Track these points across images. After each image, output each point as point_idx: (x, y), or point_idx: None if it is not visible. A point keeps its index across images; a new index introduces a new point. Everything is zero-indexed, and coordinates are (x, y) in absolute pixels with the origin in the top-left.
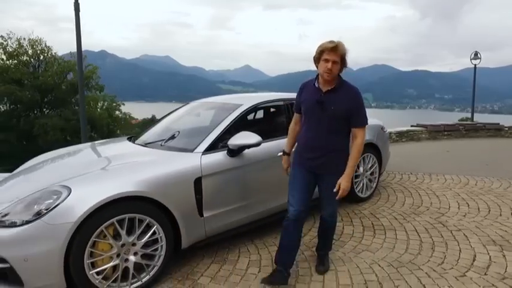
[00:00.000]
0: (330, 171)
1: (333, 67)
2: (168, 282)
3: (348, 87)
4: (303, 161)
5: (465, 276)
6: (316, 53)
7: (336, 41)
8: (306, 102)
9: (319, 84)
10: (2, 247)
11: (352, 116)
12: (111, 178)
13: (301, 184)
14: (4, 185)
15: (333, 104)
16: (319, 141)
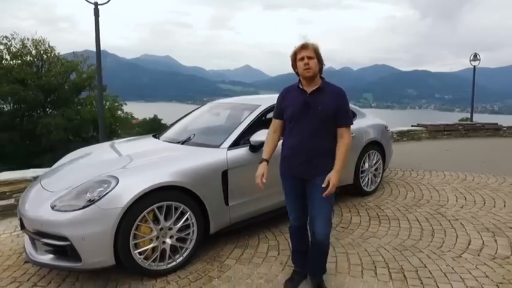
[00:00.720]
0: (320, 174)
1: (310, 61)
2: (198, 264)
3: (333, 86)
4: (290, 168)
5: (461, 257)
6: (291, 59)
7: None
8: (290, 106)
9: (303, 86)
10: (63, 228)
11: (338, 115)
12: (152, 170)
13: (294, 194)
14: (55, 176)
15: (320, 104)
16: (306, 144)
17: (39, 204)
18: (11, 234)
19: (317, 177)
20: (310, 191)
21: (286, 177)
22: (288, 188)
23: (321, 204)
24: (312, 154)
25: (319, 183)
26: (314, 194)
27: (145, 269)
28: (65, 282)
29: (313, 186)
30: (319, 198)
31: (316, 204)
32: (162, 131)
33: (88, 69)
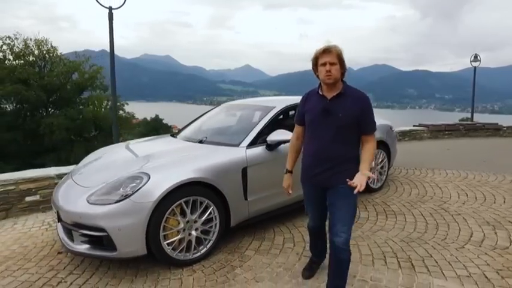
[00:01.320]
0: (343, 181)
1: (332, 68)
2: (220, 255)
3: (355, 91)
4: (310, 176)
5: (464, 248)
6: (312, 62)
7: (328, 44)
8: (310, 111)
9: (323, 92)
10: (101, 220)
11: (361, 123)
12: (179, 167)
13: (315, 202)
14: (86, 172)
15: (341, 110)
16: (327, 152)
17: (76, 198)
18: (40, 228)
19: (340, 185)
20: (332, 198)
21: (307, 185)
22: (309, 196)
23: (343, 213)
24: (334, 162)
25: (341, 191)
26: (336, 202)
27: (173, 258)
28: (98, 271)
29: (335, 193)
30: (341, 207)
31: (337, 212)
32: (179, 131)
33: (90, 69)
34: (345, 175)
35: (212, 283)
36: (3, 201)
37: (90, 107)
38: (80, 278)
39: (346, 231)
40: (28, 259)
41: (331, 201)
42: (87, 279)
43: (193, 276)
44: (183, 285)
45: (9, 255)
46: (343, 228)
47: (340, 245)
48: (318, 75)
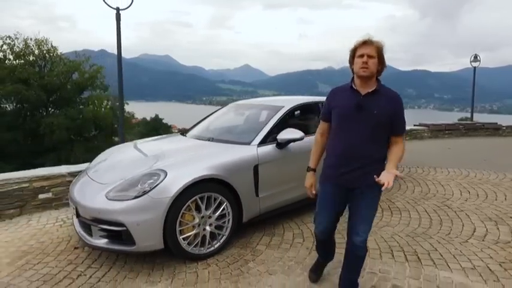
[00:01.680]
0: (368, 185)
1: (369, 61)
2: (232, 249)
3: (389, 90)
4: (335, 175)
5: (467, 242)
6: (350, 54)
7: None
8: (341, 107)
9: (357, 87)
10: (120, 215)
11: (395, 123)
12: (194, 164)
13: (334, 203)
14: (101, 170)
15: (376, 107)
16: (357, 150)
17: (94, 194)
18: (54, 224)
19: (367, 185)
20: (357, 199)
21: (328, 185)
22: (327, 196)
23: (366, 213)
24: (364, 161)
25: (368, 192)
26: (362, 202)
27: (188, 252)
28: (115, 265)
29: (361, 194)
30: (365, 208)
31: (360, 213)
32: (188, 130)
33: (90, 69)
34: (371, 175)
35: (227, 276)
36: (18, 198)
37: (90, 107)
38: (98, 272)
39: (367, 231)
40: (46, 253)
41: (356, 202)
42: (106, 273)
43: (208, 270)
44: (198, 278)
45: (28, 250)
46: (365, 228)
47: (359, 244)
48: (352, 69)
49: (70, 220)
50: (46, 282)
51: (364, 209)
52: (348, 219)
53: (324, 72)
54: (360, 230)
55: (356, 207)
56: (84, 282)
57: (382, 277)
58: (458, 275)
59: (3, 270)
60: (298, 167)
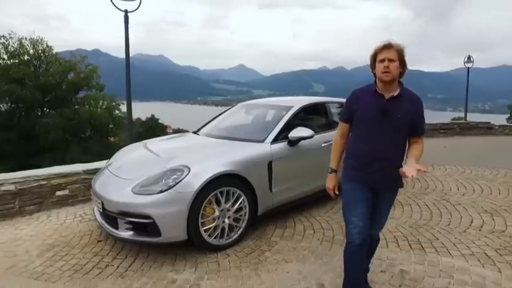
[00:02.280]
0: (390, 187)
1: (390, 65)
2: (249, 241)
3: (411, 93)
4: (362, 177)
5: (466, 232)
6: (370, 59)
7: (389, 40)
8: (365, 110)
9: (381, 91)
10: (148, 208)
11: (416, 125)
12: (214, 160)
13: (365, 205)
14: (123, 166)
15: (399, 111)
16: (381, 153)
17: (120, 189)
18: (74, 220)
19: (388, 188)
20: (378, 200)
21: (356, 185)
22: (357, 196)
23: (384, 214)
24: (387, 163)
25: (388, 195)
26: (382, 204)
27: (209, 243)
28: (139, 256)
29: (382, 196)
30: (384, 208)
31: (380, 212)
32: (200, 129)
33: (86, 68)
34: (394, 177)
35: (247, 264)
36: (37, 195)
37: (86, 107)
38: (124, 262)
39: (384, 221)
40: (72, 246)
41: (379, 203)
42: (131, 263)
43: (228, 259)
44: (220, 266)
45: (53, 243)
46: (382, 225)
47: (374, 237)
48: (374, 73)
49: (88, 216)
50: (77, 271)
51: (384, 209)
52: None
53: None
54: (377, 226)
55: (375, 206)
56: (112, 271)
57: (390, 263)
58: (458, 260)
59: (35, 261)
60: (307, 163)
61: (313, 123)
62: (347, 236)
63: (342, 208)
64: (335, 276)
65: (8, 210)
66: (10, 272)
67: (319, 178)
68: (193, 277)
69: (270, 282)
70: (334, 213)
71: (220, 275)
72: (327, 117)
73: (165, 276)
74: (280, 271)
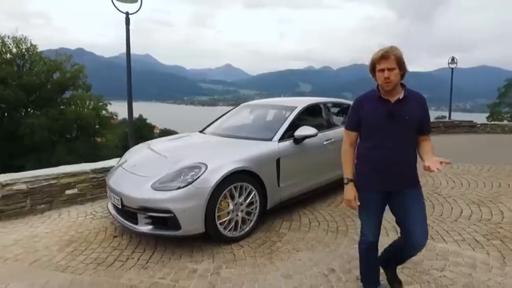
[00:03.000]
0: (409, 185)
1: (391, 75)
2: (259, 233)
3: (415, 93)
4: (373, 183)
5: (457, 221)
6: (369, 67)
7: (387, 47)
8: (372, 116)
9: (385, 96)
10: (168, 203)
11: (422, 123)
12: (229, 158)
13: (377, 213)
14: (138, 164)
15: (407, 113)
16: (393, 156)
17: (139, 186)
18: (86, 217)
19: (410, 188)
20: (402, 203)
21: (368, 192)
22: (370, 202)
23: (419, 215)
24: (403, 166)
25: (412, 194)
26: (409, 206)
27: (224, 235)
28: (157, 249)
29: (405, 198)
30: (417, 210)
31: (412, 215)
32: (205, 128)
33: (72, 68)
34: (411, 178)
35: (261, 254)
36: (48, 194)
37: (72, 107)
38: (143, 255)
39: (425, 233)
40: (89, 242)
41: (403, 206)
42: (151, 256)
43: (242, 250)
44: (236, 256)
45: (71, 239)
46: (422, 231)
47: (419, 248)
48: (376, 79)
49: (100, 213)
50: (100, 264)
51: (417, 211)
52: (402, 223)
53: (304, 71)
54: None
55: (406, 211)
56: (134, 264)
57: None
58: (452, 245)
59: (57, 256)
60: (311, 160)
61: (315, 123)
62: (361, 234)
63: (358, 211)
64: (343, 262)
65: (21, 209)
66: (35, 266)
67: (321, 174)
68: (212, 266)
69: (284, 269)
70: (336, 207)
71: (237, 264)
72: (327, 117)
73: (186, 267)
74: (293, 259)
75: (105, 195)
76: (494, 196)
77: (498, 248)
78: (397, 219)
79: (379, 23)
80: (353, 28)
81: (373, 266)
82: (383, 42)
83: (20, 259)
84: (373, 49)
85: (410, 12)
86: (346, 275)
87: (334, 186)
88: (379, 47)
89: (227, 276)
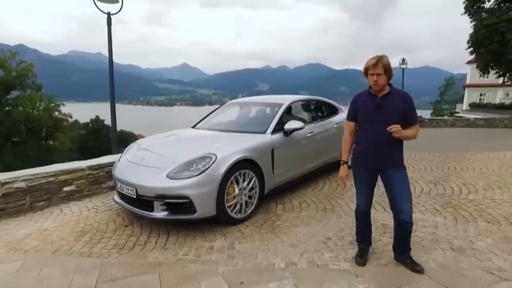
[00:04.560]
0: (396, 165)
1: (378, 79)
2: (259, 215)
3: (399, 91)
4: (366, 160)
5: (420, 196)
6: (363, 70)
7: (377, 56)
8: (364, 108)
9: (375, 92)
10: (186, 190)
11: (407, 115)
12: (234, 148)
13: (368, 186)
14: (147, 157)
15: (390, 106)
16: (381, 140)
17: (154, 177)
18: (89, 212)
19: (394, 168)
20: (388, 180)
21: (361, 169)
22: (362, 177)
23: (402, 191)
24: (388, 148)
25: (396, 175)
26: (394, 184)
27: (231, 217)
28: (170, 233)
29: (390, 176)
30: (399, 187)
31: (398, 191)
32: (196, 124)
33: (18, 66)
34: (397, 159)
35: (265, 230)
36: (46, 191)
37: (20, 108)
38: (160, 239)
39: (410, 209)
40: (103, 231)
41: (390, 182)
42: (167, 239)
43: (248, 229)
44: (244, 234)
45: (83, 231)
46: (408, 206)
47: (407, 220)
48: (368, 80)
49: (102, 207)
50: (121, 249)
51: (402, 186)
52: (390, 199)
53: (262, 71)
54: (404, 208)
55: (391, 187)
56: (153, 246)
57: (374, 220)
58: (419, 214)
59: (76, 245)
60: (299, 150)
61: (298, 118)
62: (357, 203)
63: (354, 184)
64: (336, 232)
65: (21, 206)
66: (58, 254)
67: (306, 163)
68: (226, 243)
69: (289, 241)
70: (319, 191)
71: (248, 239)
72: (308, 112)
73: (202, 245)
74: (294, 233)
75: (102, 191)
76: (445, 176)
77: (452, 214)
78: (387, 195)
79: (332, 24)
80: (308, 28)
81: (366, 229)
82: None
83: (40, 249)
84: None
85: (361, 14)
86: (341, 241)
87: (316, 174)
88: (333, 48)
89: (242, 249)
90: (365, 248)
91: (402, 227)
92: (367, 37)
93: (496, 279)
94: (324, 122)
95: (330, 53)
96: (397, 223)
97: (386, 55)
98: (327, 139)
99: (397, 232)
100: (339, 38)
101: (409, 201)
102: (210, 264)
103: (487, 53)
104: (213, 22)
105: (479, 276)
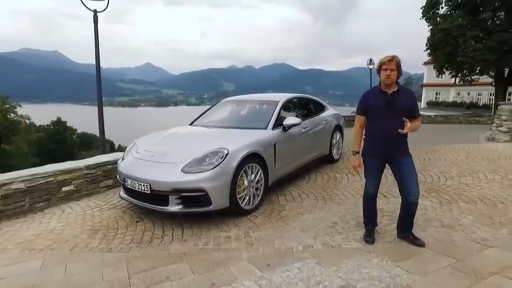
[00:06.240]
0: (403, 153)
1: (391, 73)
2: (265, 206)
3: (405, 89)
4: (377, 151)
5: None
6: (377, 67)
7: (392, 55)
8: (375, 104)
9: (385, 89)
10: (202, 183)
11: (412, 110)
12: (243, 143)
13: (377, 173)
14: (158, 155)
15: (399, 102)
16: (390, 132)
17: (169, 172)
18: (94, 210)
19: (402, 156)
20: (397, 167)
21: (372, 157)
22: (372, 165)
23: (411, 174)
24: (396, 139)
25: (404, 161)
26: (403, 169)
27: (242, 208)
28: (184, 226)
29: (400, 163)
30: (408, 171)
31: (407, 175)
32: (193, 121)
33: None
34: (404, 149)
35: (274, 219)
36: (46, 192)
37: None
38: (175, 232)
39: (417, 188)
40: (115, 228)
41: (399, 168)
42: (182, 232)
43: (258, 219)
44: (255, 223)
45: (94, 228)
46: (416, 189)
47: (415, 201)
48: (379, 75)
49: (106, 206)
50: (140, 243)
51: (406, 171)
52: (399, 183)
53: (227, 70)
54: (413, 190)
55: (401, 173)
56: (172, 239)
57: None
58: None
59: (92, 242)
60: (296, 145)
61: (293, 114)
62: (365, 188)
63: (364, 171)
64: (340, 217)
65: (20, 208)
66: (76, 252)
67: (303, 156)
68: (241, 232)
69: (300, 227)
70: (314, 183)
71: (261, 228)
72: (301, 109)
73: (219, 235)
74: (302, 220)
75: (100, 191)
76: (424, 167)
77: (436, 197)
78: (396, 179)
79: (296, 24)
80: (273, 28)
81: (372, 211)
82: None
83: (56, 248)
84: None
85: (324, 15)
86: (347, 224)
87: (308, 168)
88: (297, 48)
89: (258, 236)
90: (372, 228)
91: (409, 208)
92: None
93: (482, 247)
94: (315, 118)
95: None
96: (405, 204)
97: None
98: (318, 134)
99: (404, 212)
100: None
101: (417, 184)
102: (233, 251)
103: (442, 55)
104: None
105: (469, 246)
